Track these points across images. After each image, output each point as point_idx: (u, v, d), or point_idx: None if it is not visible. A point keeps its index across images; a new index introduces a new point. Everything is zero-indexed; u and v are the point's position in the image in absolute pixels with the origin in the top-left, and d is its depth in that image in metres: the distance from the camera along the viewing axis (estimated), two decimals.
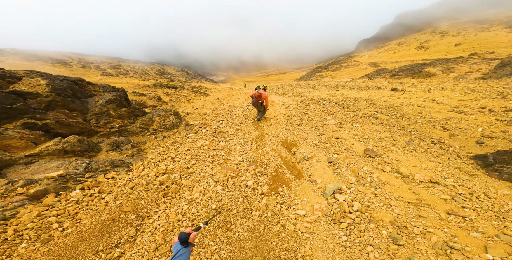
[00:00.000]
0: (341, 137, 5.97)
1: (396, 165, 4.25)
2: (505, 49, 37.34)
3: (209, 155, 5.00)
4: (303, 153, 4.95)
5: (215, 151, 5.24)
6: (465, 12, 72.31)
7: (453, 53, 43.85)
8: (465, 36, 58.00)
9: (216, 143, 5.81)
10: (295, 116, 8.73)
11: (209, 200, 3.25)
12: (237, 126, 7.68)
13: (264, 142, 5.97)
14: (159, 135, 6.57)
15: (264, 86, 7.25)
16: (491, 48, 40.66)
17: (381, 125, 7.54)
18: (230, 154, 5.15)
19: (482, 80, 16.65)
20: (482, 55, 32.73)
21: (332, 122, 7.60)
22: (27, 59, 55.14)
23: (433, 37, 66.17)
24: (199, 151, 5.19)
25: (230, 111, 11.20)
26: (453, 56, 35.19)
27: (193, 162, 4.57)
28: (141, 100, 12.80)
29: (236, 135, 6.62)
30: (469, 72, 21.44)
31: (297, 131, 6.70)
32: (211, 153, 5.13)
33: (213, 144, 5.72)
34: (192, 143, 5.80)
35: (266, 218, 3.01)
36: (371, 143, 5.63)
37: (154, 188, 3.62)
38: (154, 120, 7.18)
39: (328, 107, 10.61)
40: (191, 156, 4.85)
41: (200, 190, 3.53)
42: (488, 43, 48.00)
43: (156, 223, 2.89)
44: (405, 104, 10.00)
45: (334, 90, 17.64)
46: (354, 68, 51.02)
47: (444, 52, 49.59)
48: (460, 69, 22.93)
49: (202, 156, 4.90)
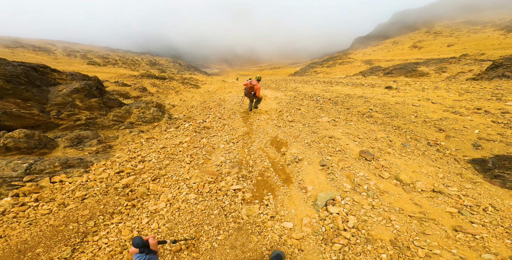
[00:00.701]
0: (335, 136, 5.52)
1: (394, 170, 3.84)
2: (495, 51, 38.06)
3: (188, 154, 4.41)
4: (294, 154, 4.47)
5: (196, 150, 4.65)
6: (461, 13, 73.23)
7: (445, 54, 44.44)
8: (458, 37, 58.89)
9: (198, 140, 5.22)
10: (287, 111, 8.23)
11: (176, 212, 2.71)
12: (224, 121, 7.11)
13: (251, 139, 5.44)
14: (135, 129, 5.90)
15: (258, 77, 7.15)
16: (482, 50, 41.45)
17: (375, 124, 7.17)
18: (212, 153, 4.59)
19: (474, 81, 16.66)
20: (473, 56, 33.20)
21: (325, 119, 7.15)
22: (7, 46, 51.41)
23: (427, 37, 66.83)
24: (176, 149, 4.59)
25: (219, 104, 10.55)
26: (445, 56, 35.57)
27: (167, 162, 3.99)
28: (123, 91, 11.89)
29: (221, 131, 6.05)
30: (461, 73, 21.55)
31: (289, 128, 6.21)
32: (191, 151, 4.54)
33: (194, 141, 5.13)
34: (170, 139, 5.18)
35: (245, 232, 2.52)
36: (367, 143, 5.22)
37: (114, 193, 3.03)
38: (131, 113, 6.47)
39: (321, 103, 10.17)
40: (166, 155, 4.25)
41: (169, 198, 2.97)
42: (480, 44, 48.91)
43: (102, 241, 2.29)
44: (400, 103, 9.69)
45: (328, 86, 17.24)
46: (349, 65, 50.89)
47: (436, 52, 50.20)
48: (452, 69, 23.03)
49: (179, 155, 4.31)
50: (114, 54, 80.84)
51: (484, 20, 64.53)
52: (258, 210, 2.90)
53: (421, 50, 56.76)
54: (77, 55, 67.20)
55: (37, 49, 59.59)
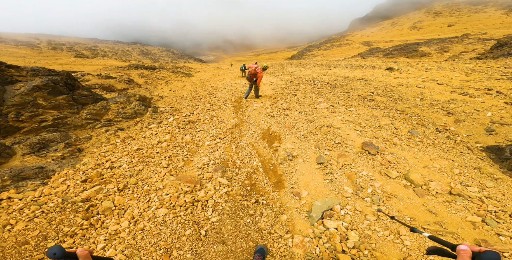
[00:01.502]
0: (334, 125, 4.97)
1: (403, 166, 3.33)
2: (497, 30, 36.36)
3: (167, 155, 3.87)
4: (287, 150, 3.94)
5: (176, 150, 4.11)
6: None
7: (446, 34, 42.63)
8: (459, 17, 56.23)
9: (181, 137, 4.65)
10: (282, 98, 7.60)
11: (140, 234, 2.22)
12: (213, 112, 6.51)
13: (241, 133, 4.88)
14: (112, 127, 5.32)
15: (265, 66, 6.99)
16: (483, 29, 39.66)
17: (378, 109, 6.60)
18: (195, 153, 4.05)
19: (479, 60, 15.81)
20: (475, 35, 31.68)
21: (323, 105, 6.56)
22: None
23: (426, 17, 63.83)
24: (153, 150, 4.04)
25: (211, 93, 9.86)
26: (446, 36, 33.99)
27: (140, 168, 3.46)
28: (107, 84, 11.11)
29: (209, 125, 5.47)
30: (464, 52, 20.51)
31: (283, 118, 5.64)
32: (170, 152, 4.00)
33: (176, 138, 4.57)
34: (149, 138, 4.61)
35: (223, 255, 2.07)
36: (370, 133, 4.68)
37: (71, 209, 2.54)
38: (108, 109, 5.85)
39: (319, 87, 9.49)
40: (141, 159, 3.71)
41: (134, 215, 2.48)
42: (481, 24, 46.77)
43: None
44: (403, 85, 9.02)
45: (326, 69, 16.36)
46: (347, 47, 48.98)
47: (437, 32, 48.11)
48: (455, 49, 21.94)
49: (155, 158, 3.77)
50: (102, 45, 77.55)
51: None
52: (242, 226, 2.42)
53: (421, 31, 54.45)
54: (63, 48, 64.43)
55: (20, 44, 56.89)
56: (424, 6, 72.83)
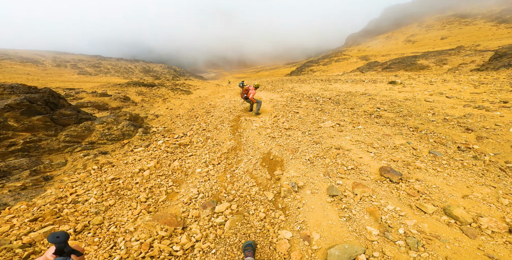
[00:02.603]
0: (343, 147, 4.38)
1: (438, 197, 2.68)
2: (490, 42, 37.22)
3: (147, 186, 3.23)
4: (292, 179, 3.31)
5: (160, 179, 3.47)
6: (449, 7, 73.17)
7: (440, 46, 43.70)
8: (450, 30, 58.28)
9: (168, 163, 4.02)
10: (283, 116, 7.10)
11: None
12: (208, 133, 5.94)
13: (238, 158, 4.27)
14: (93, 151, 4.72)
15: (256, 85, 7.44)
16: (476, 41, 40.71)
17: (388, 126, 6.04)
18: (183, 183, 3.41)
19: (480, 72, 15.64)
20: (468, 47, 32.30)
21: (328, 124, 6.02)
22: None
23: (419, 30, 66.26)
24: (132, 180, 3.40)
25: (208, 111, 9.36)
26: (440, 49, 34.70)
27: (111, 202, 2.81)
28: (101, 102, 10.74)
29: (202, 148, 4.86)
30: (463, 64, 20.53)
31: (285, 139, 5.07)
32: (152, 182, 3.35)
33: (162, 165, 3.94)
34: (130, 164, 3.98)
35: None
36: (385, 155, 4.07)
37: (6, 257, 1.86)
38: (92, 130, 5.31)
39: (321, 103, 9.05)
40: (114, 191, 3.06)
41: None
42: (473, 36, 48.21)
43: None
44: (410, 99, 8.58)
45: (327, 85, 16.14)
46: (345, 62, 49.99)
47: (431, 45, 49.43)
48: (453, 61, 22.04)
49: (133, 190, 3.13)
50: (106, 62, 79.69)
51: (473, 12, 64.25)
52: None
53: (415, 44, 56.08)
54: (67, 65, 66.07)
55: (25, 61, 58.50)
56: (415, 20, 75.92)
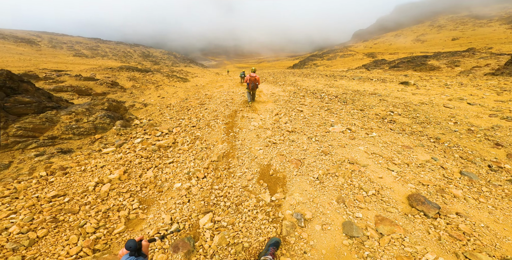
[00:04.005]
0: (358, 162, 3.59)
1: (491, 242, 1.96)
2: (503, 45, 36.04)
3: (100, 210, 2.37)
4: (296, 207, 2.53)
5: (122, 198, 2.62)
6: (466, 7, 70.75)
7: (450, 47, 42.38)
8: (463, 31, 56.59)
9: (139, 173, 3.17)
10: (286, 115, 6.24)
11: None
12: (198, 132, 5.07)
13: (229, 170, 3.43)
14: (51, 149, 3.86)
15: (253, 69, 7.44)
16: (489, 44, 39.46)
17: (404, 134, 5.24)
18: (153, 205, 2.58)
19: (495, 76, 14.73)
20: (480, 50, 31.14)
21: (338, 128, 5.19)
22: None
23: (430, 30, 64.32)
24: (82, 198, 2.54)
25: (202, 103, 8.42)
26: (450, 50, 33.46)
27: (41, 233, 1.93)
28: (84, 86, 9.71)
29: (187, 152, 4.01)
30: (477, 67, 19.55)
31: (288, 146, 4.25)
32: (110, 203, 2.51)
33: (130, 176, 3.09)
34: (88, 173, 3.07)
35: None
36: (411, 175, 3.29)
37: None
38: (56, 121, 4.41)
39: (327, 102, 8.17)
40: (52, 215, 2.20)
41: None
42: (486, 38, 46.76)
43: None
44: (426, 103, 7.73)
45: (332, 80, 15.17)
46: (350, 58, 48.54)
47: (441, 45, 48.02)
48: (466, 63, 21.02)
49: (79, 214, 2.26)
50: (104, 45, 77.01)
51: (490, 14, 62.21)
52: None
53: (425, 44, 54.51)
54: (64, 47, 63.72)
55: (19, 41, 56.05)
56: (428, 19, 73.64)
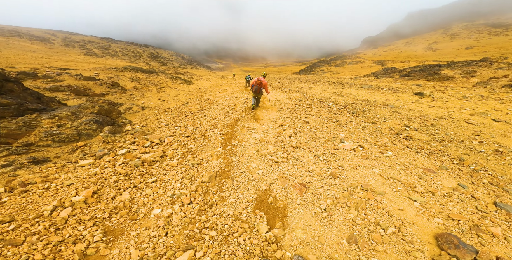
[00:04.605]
0: (373, 188, 3.03)
1: None
2: None
3: (51, 241, 1.88)
4: (298, 249, 2.00)
5: (83, 227, 2.12)
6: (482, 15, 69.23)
7: (464, 56, 41.18)
8: (477, 40, 55.07)
9: (112, 195, 2.68)
10: (290, 126, 5.70)
11: None
12: (192, 143, 4.58)
13: (221, 194, 2.91)
14: (22, 158, 3.42)
15: (264, 74, 7.24)
16: (504, 54, 38.12)
17: (423, 154, 4.65)
18: (121, 236, 2.08)
19: None
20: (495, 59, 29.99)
21: (348, 145, 4.62)
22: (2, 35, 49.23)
23: (443, 38, 62.99)
24: (33, 226, 2.05)
25: (202, 108, 7.95)
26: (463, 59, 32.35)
27: None
28: (83, 86, 9.42)
29: (175, 169, 3.51)
30: (494, 78, 18.61)
31: (292, 166, 3.71)
32: (65, 234, 2.01)
33: (100, 198, 2.61)
34: (51, 192, 2.61)
35: None
36: (437, 207, 2.73)
37: None
38: (35, 126, 4.00)
39: (336, 112, 7.58)
40: None
41: None
42: (501, 48, 45.28)
43: None
44: (445, 118, 7.07)
45: (340, 88, 14.57)
46: (359, 65, 47.74)
47: (453, 54, 46.77)
48: (482, 74, 20.10)
49: (21, 248, 1.77)
50: (115, 45, 78.39)
51: (507, 22, 60.56)
52: None
53: (437, 52, 53.30)
54: (76, 45, 65.10)
55: (34, 39, 57.64)
56: (441, 27, 72.26)
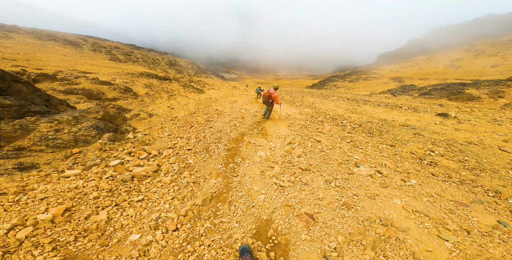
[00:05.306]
0: (394, 223, 2.50)
1: None
2: None
3: None
4: None
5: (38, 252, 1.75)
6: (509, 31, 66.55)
7: (489, 75, 39.18)
8: (504, 57, 52.52)
9: (86, 214, 2.32)
10: (300, 144, 5.23)
11: None
12: (191, 158, 4.22)
13: (214, 221, 2.50)
14: (9, 163, 3.21)
15: (275, 86, 7.23)
16: None
17: (452, 184, 4.04)
18: None
19: None
20: None
21: (365, 170, 4.08)
22: (40, 38, 53.57)
23: (466, 55, 60.78)
24: None
25: (209, 119, 7.65)
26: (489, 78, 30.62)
27: None
28: (96, 90, 9.58)
29: (167, 187, 3.14)
30: None
31: (299, 192, 3.24)
32: None
33: (72, 218, 2.26)
34: (16, 207, 2.26)
35: None
36: (474, 248, 2.24)
37: None
38: (31, 130, 3.85)
39: (350, 131, 7.03)
40: None
41: None
42: None
43: None
44: (475, 143, 6.32)
45: (354, 105, 13.96)
46: (374, 81, 46.74)
47: (478, 72, 44.70)
48: (511, 94, 18.73)
49: None
50: (137, 52, 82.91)
51: None
52: None
53: (459, 70, 51.30)
54: (102, 51, 69.43)
55: (67, 43, 62.14)
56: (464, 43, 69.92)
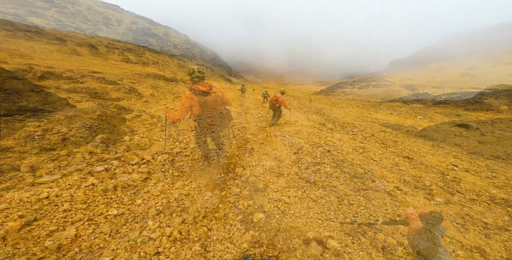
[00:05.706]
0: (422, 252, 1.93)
1: None
2: None
3: None
4: None
5: None
6: None
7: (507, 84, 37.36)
8: None
9: (51, 230, 1.88)
10: (308, 154, 4.73)
11: None
12: (188, 165, 3.77)
13: (205, 243, 2.06)
14: None
15: (282, 90, 7.11)
16: None
17: (481, 202, 3.57)
18: None
19: None
20: None
21: (382, 185, 3.59)
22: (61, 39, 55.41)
23: (482, 63, 58.70)
24: None
25: (212, 124, 7.24)
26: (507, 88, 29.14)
27: None
28: (101, 90, 9.46)
29: (155, 199, 2.73)
30: None
31: (306, 210, 2.81)
32: None
33: (31, 234, 1.86)
34: None
35: None
36: None
37: None
38: (17, 129, 3.57)
39: (361, 141, 6.50)
40: None
41: None
42: None
43: None
44: (503, 158, 5.70)
45: (365, 113, 13.35)
46: (385, 89, 45.63)
47: (495, 81, 42.80)
48: None
49: None
50: (148, 53, 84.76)
51: None
52: None
53: (475, 78, 49.48)
54: (116, 52, 71.15)
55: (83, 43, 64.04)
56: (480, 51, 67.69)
